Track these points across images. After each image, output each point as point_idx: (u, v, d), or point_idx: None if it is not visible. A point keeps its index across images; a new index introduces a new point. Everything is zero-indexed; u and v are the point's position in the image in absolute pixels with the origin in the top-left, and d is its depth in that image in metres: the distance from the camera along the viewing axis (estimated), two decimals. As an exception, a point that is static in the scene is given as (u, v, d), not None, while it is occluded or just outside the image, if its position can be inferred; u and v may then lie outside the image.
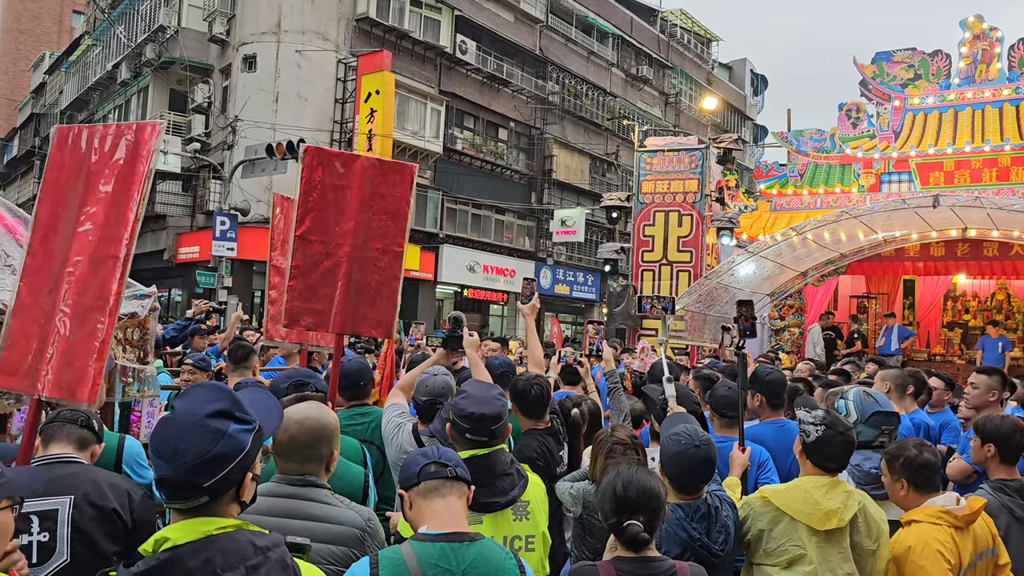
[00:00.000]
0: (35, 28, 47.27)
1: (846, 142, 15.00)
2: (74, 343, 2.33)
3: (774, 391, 4.34)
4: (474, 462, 2.75)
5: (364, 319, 3.81)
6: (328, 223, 3.67)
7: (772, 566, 2.89)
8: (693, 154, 15.35)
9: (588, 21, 31.90)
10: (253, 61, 22.52)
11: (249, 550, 1.66)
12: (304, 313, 3.67)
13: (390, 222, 3.83)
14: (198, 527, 1.63)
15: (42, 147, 36.07)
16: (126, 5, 26.72)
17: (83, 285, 2.36)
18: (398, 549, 2.15)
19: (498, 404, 2.84)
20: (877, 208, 11.50)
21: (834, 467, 2.98)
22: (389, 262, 3.84)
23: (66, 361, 2.32)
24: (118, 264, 2.31)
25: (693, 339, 13.38)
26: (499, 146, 28.63)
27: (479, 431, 2.78)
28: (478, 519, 2.74)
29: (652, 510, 2.38)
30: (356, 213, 3.72)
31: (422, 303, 24.89)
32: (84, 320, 2.33)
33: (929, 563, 2.77)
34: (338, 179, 3.70)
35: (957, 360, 14.06)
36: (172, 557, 1.59)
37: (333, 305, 3.68)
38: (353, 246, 3.71)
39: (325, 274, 3.68)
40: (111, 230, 2.36)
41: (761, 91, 46.92)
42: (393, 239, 3.85)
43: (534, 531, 2.85)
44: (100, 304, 2.30)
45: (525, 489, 2.87)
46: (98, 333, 2.29)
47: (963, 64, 14.25)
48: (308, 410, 2.59)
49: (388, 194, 3.82)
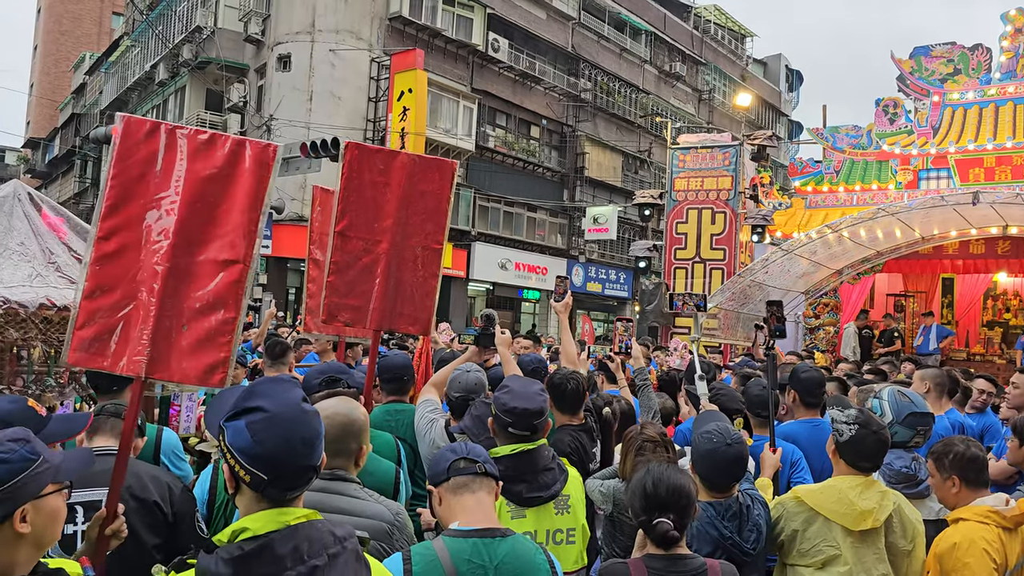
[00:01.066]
0: (76, 30, 48.21)
1: (883, 138, 14.77)
2: (190, 336, 2.51)
3: (808, 389, 4.29)
4: (518, 457, 2.80)
5: (402, 315, 3.82)
6: (367, 220, 3.69)
7: (806, 567, 2.86)
8: (727, 151, 15.23)
9: (621, 18, 31.75)
10: (288, 60, 22.76)
11: (330, 539, 1.71)
12: (342, 309, 3.69)
13: (429, 219, 3.84)
14: (278, 518, 1.68)
15: (82, 146, 36.82)
16: (164, 7, 27.17)
17: (197, 281, 2.54)
18: (430, 545, 2.17)
19: (540, 399, 2.88)
20: (915, 205, 11.32)
21: (868, 466, 2.95)
22: (428, 259, 3.85)
23: (189, 352, 2.50)
24: (245, 271, 2.56)
25: (726, 337, 13.29)
26: (531, 144, 28.62)
27: (522, 425, 2.82)
28: (522, 513, 2.79)
29: (682, 508, 2.38)
30: (395, 210, 3.74)
31: (454, 300, 24.97)
32: (203, 315, 2.52)
33: (974, 560, 2.72)
34: (378, 176, 3.72)
35: (997, 360, 13.80)
36: (262, 545, 1.63)
37: (371, 301, 3.70)
38: (392, 243, 3.73)
39: (363, 271, 3.70)
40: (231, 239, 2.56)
41: (796, 87, 46.37)
42: (432, 236, 3.86)
43: (575, 524, 2.89)
44: (226, 302, 2.53)
45: (566, 483, 2.91)
46: (224, 327, 2.52)
47: (1004, 58, 13.95)
48: (337, 405, 2.63)
49: (428, 191, 3.83)
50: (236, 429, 1.70)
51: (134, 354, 2.49)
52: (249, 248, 2.57)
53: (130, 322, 2.52)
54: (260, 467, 1.67)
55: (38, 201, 3.86)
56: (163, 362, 2.50)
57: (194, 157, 2.58)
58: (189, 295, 2.53)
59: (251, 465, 1.67)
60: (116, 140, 2.56)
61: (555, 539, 2.83)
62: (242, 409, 1.72)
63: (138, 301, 2.52)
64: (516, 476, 2.79)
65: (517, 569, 2.14)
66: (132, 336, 2.50)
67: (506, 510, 2.78)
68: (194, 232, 2.55)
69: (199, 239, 2.56)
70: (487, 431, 3.22)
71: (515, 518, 2.78)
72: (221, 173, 2.59)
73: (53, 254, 3.69)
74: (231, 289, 2.54)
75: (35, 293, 3.43)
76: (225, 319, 2.54)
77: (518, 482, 2.79)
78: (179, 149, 2.59)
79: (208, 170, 2.58)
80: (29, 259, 3.60)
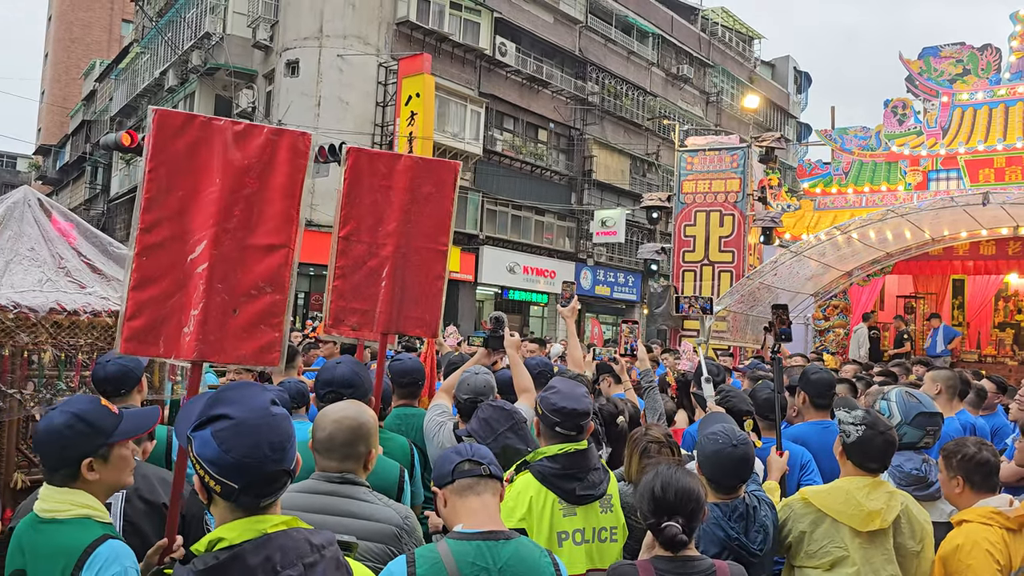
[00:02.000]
0: (86, 37, 48.55)
1: (892, 139, 14.72)
2: (241, 318, 2.62)
3: (819, 391, 4.29)
4: (572, 457, 2.84)
5: (408, 318, 3.83)
6: (371, 224, 3.70)
7: (814, 568, 2.86)
8: (735, 153, 15.20)
9: (628, 21, 31.76)
10: (296, 66, 22.85)
11: (306, 547, 1.68)
12: (349, 313, 3.70)
13: (433, 221, 3.85)
14: (254, 526, 1.66)
15: (93, 153, 37.03)
16: (173, 13, 27.33)
17: (244, 267, 2.64)
18: (434, 547, 2.18)
19: (586, 401, 2.95)
20: (924, 206, 11.27)
21: (875, 467, 2.94)
22: (433, 261, 3.86)
23: (242, 334, 2.62)
24: (290, 254, 2.69)
25: (735, 340, 13.25)
26: (539, 147, 28.64)
27: (569, 425, 2.87)
28: (572, 511, 2.83)
29: (691, 511, 2.38)
30: (399, 213, 3.74)
31: (462, 304, 24.99)
32: (253, 298, 2.64)
33: (977, 562, 2.71)
34: (381, 180, 3.73)
35: (1009, 361, 13.72)
36: (234, 555, 1.61)
37: (377, 305, 3.71)
38: (396, 246, 3.74)
39: (369, 274, 3.71)
40: (274, 224, 2.68)
41: (804, 89, 46.26)
42: (437, 238, 3.87)
43: (617, 523, 2.94)
44: (274, 285, 2.67)
45: (609, 483, 2.97)
46: (275, 308, 2.66)
47: (1014, 58, 13.90)
48: (346, 409, 2.64)
49: (431, 193, 3.84)
50: (203, 439, 1.66)
51: (188, 340, 2.57)
52: (292, 232, 2.68)
53: (180, 310, 2.60)
54: (230, 476, 1.64)
55: (48, 207, 3.89)
56: (217, 345, 2.59)
57: (231, 147, 2.65)
58: (238, 280, 2.63)
59: (220, 475, 1.64)
60: (150, 134, 2.61)
61: (600, 537, 2.89)
62: (208, 418, 1.68)
63: (186, 289, 2.60)
64: (570, 475, 2.84)
65: (521, 572, 2.14)
66: (184, 323, 2.59)
67: (558, 507, 2.83)
68: (237, 219, 2.64)
69: (243, 226, 2.65)
70: (493, 434, 3.22)
71: (566, 515, 2.83)
72: (259, 162, 2.67)
73: (63, 259, 3.71)
74: (278, 272, 2.67)
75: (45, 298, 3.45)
76: (274, 301, 2.66)
77: (572, 480, 2.85)
78: (216, 140, 2.66)
79: (246, 159, 2.66)
80: (39, 264, 3.62)
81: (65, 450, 2.20)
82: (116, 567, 2.12)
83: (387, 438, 3.59)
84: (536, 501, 2.80)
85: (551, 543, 2.77)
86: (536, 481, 2.85)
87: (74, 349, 3.61)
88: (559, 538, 2.79)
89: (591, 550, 2.85)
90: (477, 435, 3.37)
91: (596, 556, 2.85)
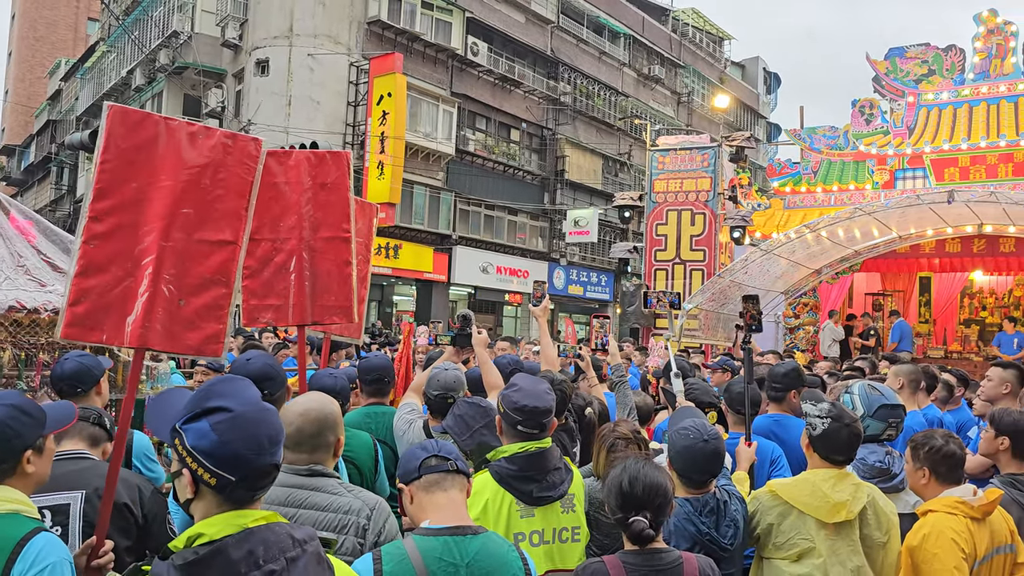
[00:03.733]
0: (51, 35, 47.75)
1: (860, 139, 14.90)
2: (187, 309, 2.71)
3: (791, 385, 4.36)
4: (530, 457, 2.81)
5: (323, 307, 3.92)
6: (272, 220, 3.79)
7: (782, 559, 2.87)
8: (705, 152, 15.32)
9: (599, 21, 31.87)
10: (266, 65, 22.65)
11: (288, 542, 1.66)
12: (262, 310, 3.79)
13: (333, 210, 3.95)
14: (234, 520, 1.63)
15: (58, 153, 36.43)
16: (140, 12, 26.95)
17: (193, 260, 2.73)
18: (400, 544, 2.16)
19: (549, 398, 2.91)
20: (891, 204, 11.42)
21: (841, 459, 2.97)
22: (338, 249, 3.95)
23: (188, 324, 2.72)
24: (237, 250, 2.81)
25: (707, 338, 13.34)
26: (511, 147, 28.64)
27: (531, 424, 2.83)
28: (531, 512, 2.80)
29: (658, 506, 2.37)
30: (298, 207, 3.84)
31: (436, 304, 24.93)
32: (200, 290, 2.74)
33: (943, 551, 2.74)
34: (275, 176, 3.80)
35: (975, 357, 13.93)
36: (215, 550, 1.58)
37: (290, 298, 3.80)
38: (300, 238, 3.83)
39: (277, 270, 3.80)
40: (224, 221, 2.78)
41: (774, 89, 46.73)
42: (340, 226, 3.96)
43: (579, 523, 2.91)
44: (221, 279, 2.77)
45: (571, 483, 2.93)
46: (220, 301, 2.77)
47: (977, 59, 14.13)
48: (309, 401, 2.63)
49: (327, 183, 3.94)
50: (199, 431, 1.64)
51: (132, 328, 2.63)
52: (241, 230, 2.80)
53: (126, 299, 2.65)
54: (227, 468, 1.62)
55: (6, 205, 3.82)
56: (163, 334, 2.67)
57: (185, 146, 2.75)
58: (186, 272, 2.72)
59: (217, 467, 1.62)
60: (105, 128, 2.66)
61: (561, 537, 2.85)
62: (204, 410, 1.66)
63: (134, 279, 2.66)
64: (527, 476, 2.81)
65: (488, 567, 2.13)
66: (128, 312, 2.64)
67: (516, 508, 2.79)
68: (187, 214, 2.73)
69: (193, 221, 2.74)
70: (469, 430, 3.21)
71: (524, 517, 2.79)
72: (212, 162, 2.78)
73: (22, 257, 3.65)
74: (225, 267, 2.77)
75: (4, 296, 3.39)
76: (220, 294, 2.77)
77: (529, 482, 2.81)
78: (170, 138, 2.74)
79: (199, 159, 2.76)
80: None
81: (11, 442, 2.20)
82: (52, 557, 2.12)
83: (350, 435, 3.56)
84: (492, 502, 2.77)
85: None
86: (494, 481, 2.82)
87: (35, 348, 3.54)
88: (516, 539, 2.74)
89: (551, 551, 2.82)
90: (452, 431, 3.35)
91: (557, 557, 2.82)
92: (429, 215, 24.83)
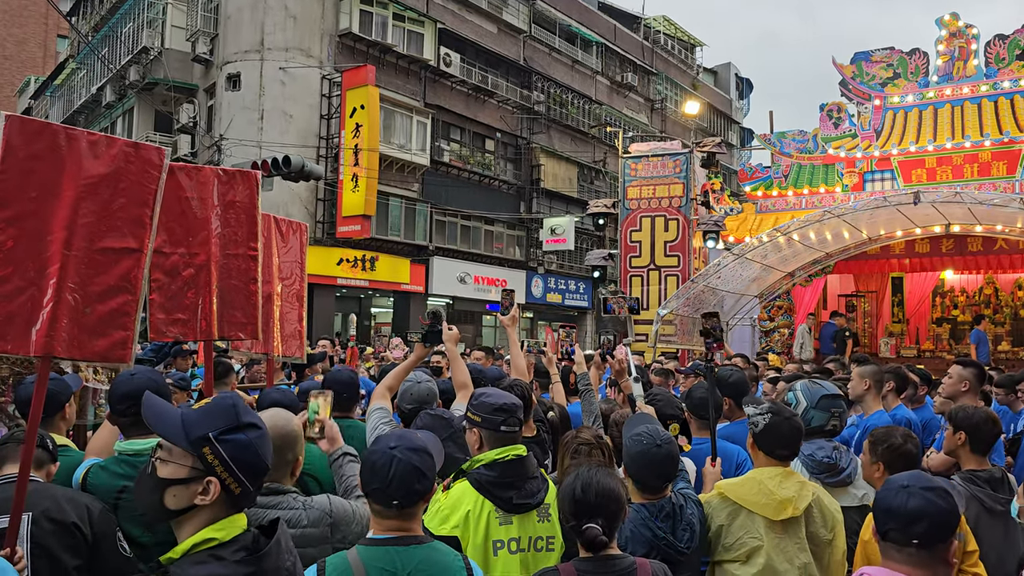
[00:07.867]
0: (20, 54, 47.26)
1: (828, 142, 15.06)
2: (93, 317, 2.74)
3: (740, 392, 4.48)
4: (511, 464, 2.84)
5: (230, 323, 3.96)
6: (182, 235, 3.80)
7: (731, 562, 2.90)
8: (677, 159, 15.40)
9: (571, 30, 32.04)
10: (237, 80, 22.54)
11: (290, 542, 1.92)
12: (169, 324, 3.78)
13: (242, 228, 3.99)
14: (238, 523, 1.79)
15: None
16: (108, 29, 26.77)
17: (97, 268, 2.76)
18: (344, 554, 2.18)
19: (515, 392, 3.07)
20: (859, 207, 11.53)
21: (785, 454, 3.03)
22: (245, 266, 4.01)
23: (94, 332, 2.75)
24: (142, 258, 2.85)
25: (683, 343, 13.38)
26: (486, 157, 28.68)
27: (512, 421, 2.89)
28: (508, 520, 2.82)
29: (612, 512, 2.37)
30: (208, 223, 3.86)
31: (414, 316, 24.85)
32: (105, 298, 2.77)
33: None
34: (185, 191, 3.81)
35: (947, 356, 14.09)
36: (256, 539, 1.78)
37: (198, 313, 3.82)
38: (209, 255, 3.84)
39: (185, 284, 3.80)
40: (128, 229, 2.82)
41: (746, 95, 47.16)
42: (246, 244, 4.01)
43: (554, 532, 2.92)
44: (126, 286, 2.81)
45: (547, 492, 2.95)
46: (126, 308, 2.81)
47: (941, 62, 14.34)
48: (273, 417, 2.62)
49: (236, 201, 3.98)
50: (241, 444, 1.78)
51: (37, 337, 2.64)
52: (146, 238, 2.86)
53: (30, 308, 2.65)
54: (253, 479, 1.80)
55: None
56: (69, 342, 2.69)
57: (86, 155, 2.77)
58: (90, 281, 2.75)
59: (247, 478, 1.78)
60: (2, 138, 2.66)
61: (536, 546, 2.86)
62: (243, 424, 1.81)
63: (38, 288, 2.67)
64: (507, 483, 2.83)
65: (431, 575, 2.12)
66: (33, 321, 2.65)
67: (495, 516, 2.80)
68: (89, 224, 2.75)
69: (95, 230, 2.76)
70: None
71: (503, 524, 2.81)
72: (113, 171, 2.81)
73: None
74: (130, 275, 2.82)
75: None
76: (126, 301, 2.81)
77: (509, 488, 2.83)
78: (70, 147, 2.76)
79: (102, 168, 2.79)
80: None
81: None
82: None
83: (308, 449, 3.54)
84: (473, 512, 2.78)
85: (486, 552, 2.75)
86: (473, 490, 2.83)
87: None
88: (494, 547, 2.76)
89: (526, 559, 2.83)
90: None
91: (532, 565, 2.82)
92: (405, 226, 24.79)
